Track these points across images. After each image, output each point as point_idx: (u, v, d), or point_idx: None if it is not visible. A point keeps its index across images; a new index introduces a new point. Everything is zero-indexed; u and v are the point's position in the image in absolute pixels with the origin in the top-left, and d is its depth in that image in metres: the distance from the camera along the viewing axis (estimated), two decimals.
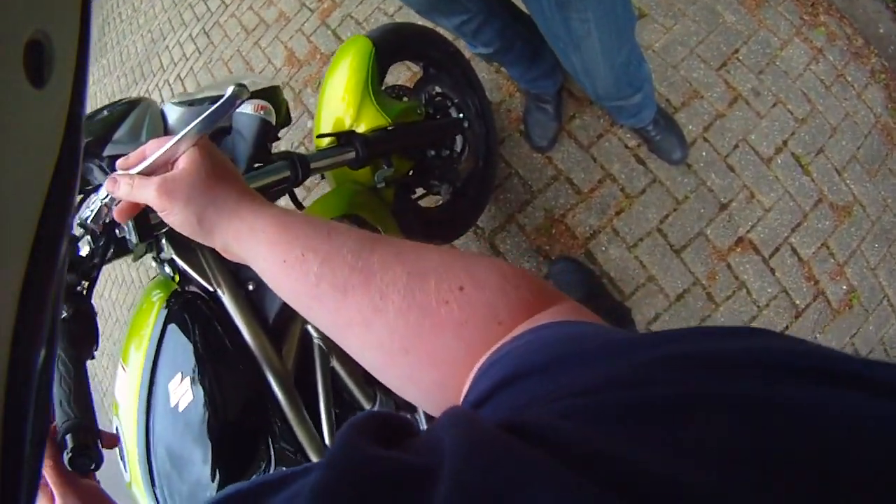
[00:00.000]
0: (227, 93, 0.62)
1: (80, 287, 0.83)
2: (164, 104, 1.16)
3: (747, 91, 1.90)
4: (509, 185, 2.00)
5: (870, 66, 1.94)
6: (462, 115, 1.69)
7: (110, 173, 0.61)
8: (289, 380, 0.98)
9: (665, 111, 1.87)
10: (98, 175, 1.03)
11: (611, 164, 1.92)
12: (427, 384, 0.44)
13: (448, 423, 0.26)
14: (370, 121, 1.32)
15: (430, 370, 0.42)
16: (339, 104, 1.34)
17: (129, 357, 0.98)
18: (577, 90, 1.96)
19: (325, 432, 1.00)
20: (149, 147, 0.59)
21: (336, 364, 1.08)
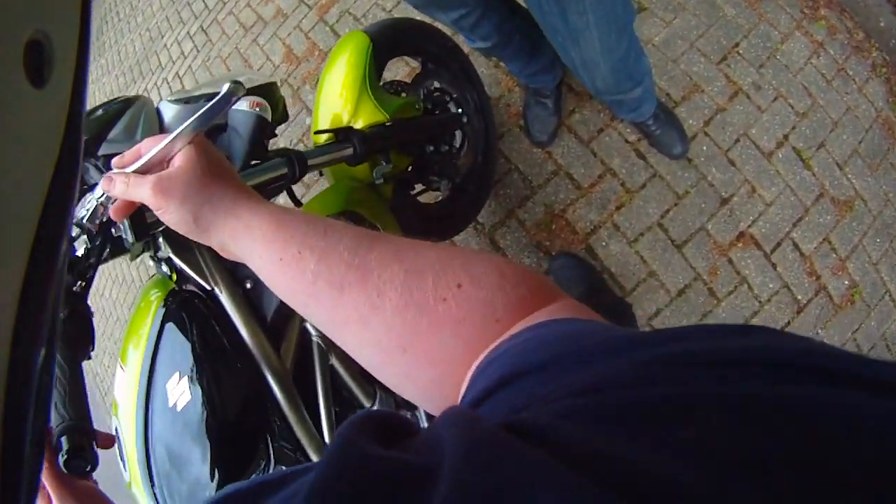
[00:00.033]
0: (223, 90, 0.62)
1: (76, 287, 0.83)
2: (160, 102, 1.16)
3: (748, 85, 1.89)
4: (509, 181, 2.00)
5: (871, 59, 1.93)
6: (461, 111, 1.68)
7: (106, 172, 0.61)
8: (287, 378, 0.98)
9: (665, 105, 1.86)
10: (94, 174, 1.03)
11: (611, 158, 1.91)
12: (425, 382, 0.43)
13: (448, 423, 0.26)
14: (368, 117, 1.32)
15: (428, 368, 0.42)
16: (336, 100, 1.33)
17: (128, 357, 0.98)
18: (576, 84, 1.95)
19: (324, 430, 1.00)
20: (144, 145, 0.59)
21: (335, 362, 1.07)
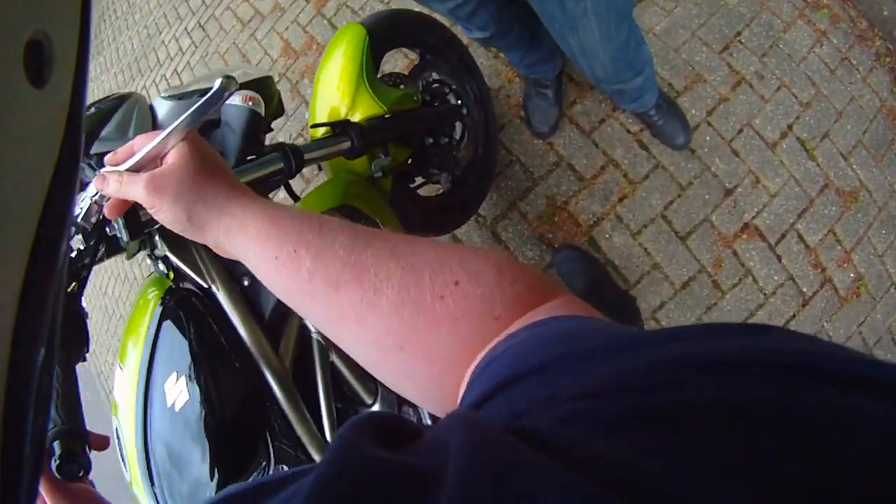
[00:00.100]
0: (215, 86, 0.62)
1: (70, 288, 0.82)
2: (154, 99, 1.14)
3: (751, 74, 1.87)
4: (510, 173, 1.98)
5: (874, 49, 1.91)
6: (460, 102, 1.67)
7: (98, 170, 0.60)
8: (287, 376, 0.97)
9: (667, 95, 1.84)
10: (87, 172, 1.02)
11: (613, 149, 1.89)
12: (423, 380, 0.43)
13: (452, 426, 0.26)
14: (366, 109, 1.30)
15: (426, 366, 0.42)
16: (333, 93, 1.32)
17: (126, 357, 0.98)
18: (577, 74, 1.94)
19: (325, 428, 0.99)
20: (137, 142, 0.59)
21: (335, 359, 1.07)
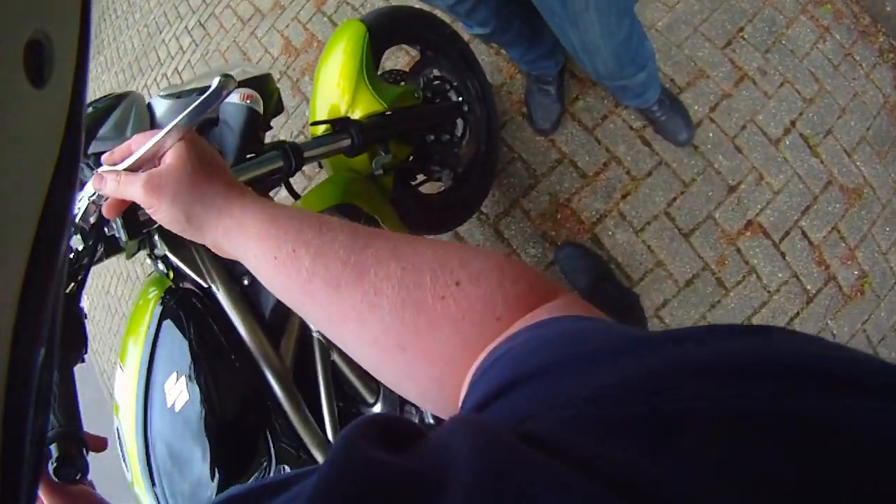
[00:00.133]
0: (212, 85, 0.61)
1: (68, 289, 0.81)
2: (152, 97, 1.14)
3: (754, 70, 1.86)
4: (512, 170, 1.97)
5: (877, 45, 1.89)
6: (461, 99, 1.66)
7: (96, 170, 0.60)
8: (287, 376, 0.97)
9: (670, 91, 1.83)
10: (85, 172, 1.01)
11: (616, 146, 1.88)
12: (425, 381, 0.43)
13: (456, 429, 0.26)
14: (366, 106, 1.29)
15: (427, 367, 0.42)
16: (333, 91, 1.31)
17: (127, 356, 0.97)
18: (579, 71, 1.92)
19: (327, 427, 0.99)
20: (134, 142, 0.59)
21: (337, 358, 1.06)
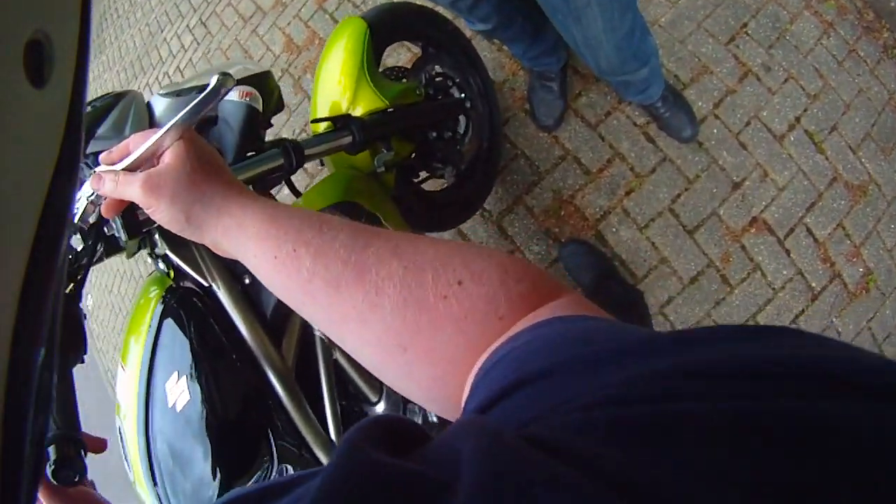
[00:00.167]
0: (211, 84, 0.61)
1: (68, 289, 0.81)
2: (152, 96, 1.13)
3: (758, 66, 1.84)
4: (515, 167, 1.97)
5: (882, 40, 1.88)
6: (464, 95, 1.65)
7: (94, 169, 0.59)
8: (289, 375, 0.97)
9: (674, 87, 1.82)
10: (84, 171, 1.01)
11: (619, 142, 1.87)
12: (427, 381, 0.43)
13: (462, 433, 0.26)
14: (367, 103, 1.29)
15: (429, 367, 0.41)
16: (334, 88, 1.31)
17: (128, 356, 0.97)
18: (582, 67, 1.91)
19: (330, 427, 0.99)
20: (132, 141, 0.58)
21: (339, 356, 1.06)
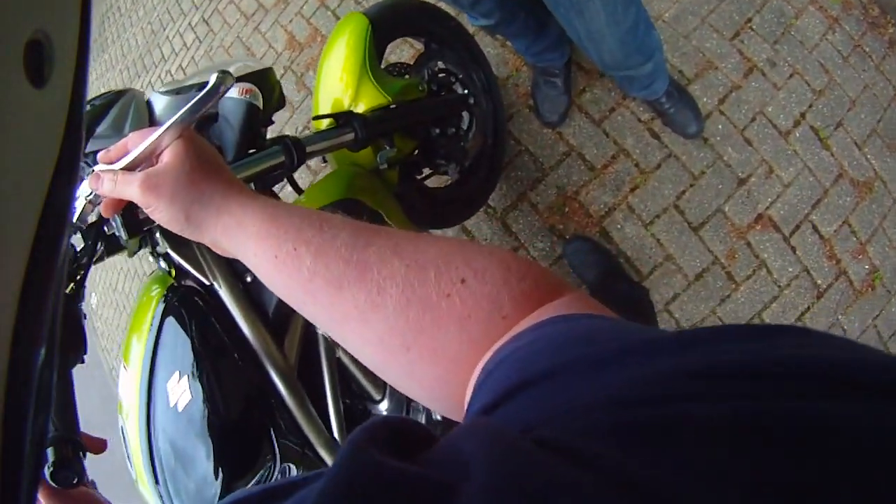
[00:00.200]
0: (210, 82, 0.60)
1: (68, 289, 0.80)
2: (151, 94, 1.12)
3: (763, 62, 1.83)
4: (520, 163, 1.96)
5: (887, 36, 1.86)
6: (467, 91, 1.64)
7: (93, 168, 0.59)
8: (292, 374, 0.96)
9: (678, 83, 1.81)
10: (83, 170, 1.00)
11: (624, 138, 1.86)
12: (430, 380, 0.42)
13: (468, 435, 0.26)
14: (369, 100, 1.28)
15: (432, 366, 0.41)
16: (336, 84, 1.30)
17: (130, 355, 0.97)
18: (586, 62, 1.90)
19: (333, 426, 0.99)
20: (131, 140, 0.58)
21: (342, 355, 1.06)
